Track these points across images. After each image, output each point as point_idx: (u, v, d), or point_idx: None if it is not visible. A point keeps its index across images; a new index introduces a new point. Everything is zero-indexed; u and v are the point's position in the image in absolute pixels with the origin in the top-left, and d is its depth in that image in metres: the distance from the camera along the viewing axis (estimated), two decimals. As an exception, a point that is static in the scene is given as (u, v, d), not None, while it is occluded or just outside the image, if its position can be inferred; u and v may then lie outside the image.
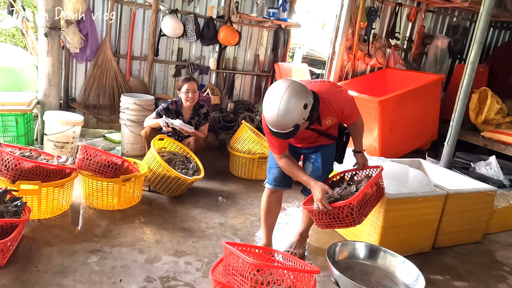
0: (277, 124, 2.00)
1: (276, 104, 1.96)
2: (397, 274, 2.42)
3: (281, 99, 1.95)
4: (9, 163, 2.60)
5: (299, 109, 1.98)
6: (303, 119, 2.03)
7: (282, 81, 2.03)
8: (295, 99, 1.96)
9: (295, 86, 2.00)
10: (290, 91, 1.97)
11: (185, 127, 3.59)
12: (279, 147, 2.30)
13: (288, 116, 1.97)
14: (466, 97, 3.67)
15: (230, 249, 1.98)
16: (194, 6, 4.92)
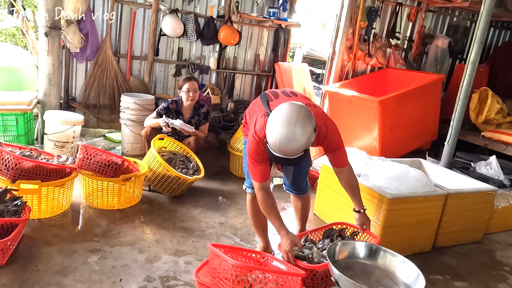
0: (289, 150, 1.89)
1: (290, 129, 1.85)
2: (397, 274, 2.41)
3: (295, 123, 1.86)
4: (9, 162, 2.60)
5: (311, 134, 1.92)
6: (311, 143, 1.98)
7: (291, 105, 1.93)
8: (308, 124, 1.89)
9: (306, 110, 1.93)
10: (303, 115, 1.89)
11: (185, 127, 3.59)
12: (262, 175, 2.15)
13: (301, 141, 1.88)
14: (466, 97, 3.67)
15: (213, 251, 1.92)
16: (195, 6, 4.91)
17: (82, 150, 2.96)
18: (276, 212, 2.21)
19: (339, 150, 2.24)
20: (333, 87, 5.23)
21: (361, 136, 4.86)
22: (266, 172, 2.17)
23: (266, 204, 2.18)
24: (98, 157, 2.95)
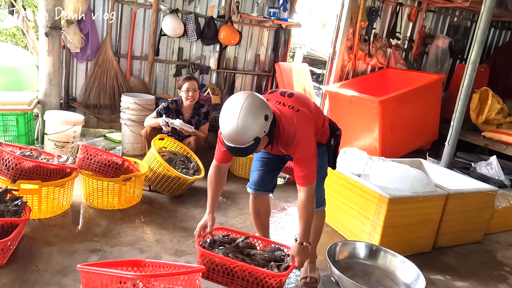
0: (236, 138, 1.81)
1: (235, 115, 1.79)
2: (398, 274, 2.42)
3: (240, 109, 1.79)
4: (9, 162, 2.60)
5: (260, 120, 1.81)
6: (264, 132, 1.86)
7: (240, 93, 1.88)
8: (256, 109, 1.82)
9: (254, 97, 1.86)
10: (249, 101, 1.82)
11: (185, 126, 3.59)
12: (221, 156, 2.16)
13: (249, 127, 1.79)
14: (467, 97, 3.67)
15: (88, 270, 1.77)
16: (195, 6, 4.91)
17: (83, 150, 2.96)
18: (214, 191, 2.25)
19: (300, 165, 2.01)
20: (334, 87, 5.23)
21: (361, 136, 4.85)
22: (225, 156, 2.17)
23: (210, 179, 2.25)
24: (98, 157, 2.95)
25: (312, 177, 2.02)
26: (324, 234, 3.07)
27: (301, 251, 2.01)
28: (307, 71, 5.65)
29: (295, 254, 2.02)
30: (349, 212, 2.98)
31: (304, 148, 1.99)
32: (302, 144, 1.98)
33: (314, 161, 2.02)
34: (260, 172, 2.37)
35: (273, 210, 3.37)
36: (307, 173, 2.00)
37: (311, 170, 2.01)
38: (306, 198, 2.03)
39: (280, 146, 2.06)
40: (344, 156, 3.25)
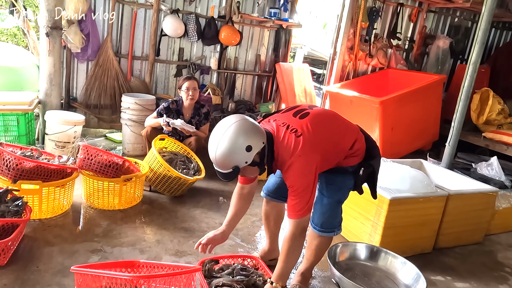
0: (216, 161, 1.81)
1: (216, 139, 1.77)
2: (398, 275, 2.42)
3: (222, 134, 1.76)
4: (10, 162, 2.60)
5: (240, 150, 1.75)
6: (245, 163, 1.80)
7: (230, 117, 1.81)
8: (238, 136, 1.75)
9: (242, 124, 1.77)
10: (235, 127, 1.76)
11: (186, 126, 3.59)
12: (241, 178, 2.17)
13: (226, 155, 1.76)
14: (467, 97, 3.66)
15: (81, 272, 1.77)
16: (196, 6, 4.92)
17: (83, 150, 2.96)
18: (234, 208, 2.17)
19: (291, 193, 1.86)
20: (334, 87, 5.23)
21: (362, 137, 4.85)
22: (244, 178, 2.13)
23: (232, 199, 2.21)
24: (99, 158, 2.95)
25: (303, 209, 1.84)
26: (324, 234, 3.08)
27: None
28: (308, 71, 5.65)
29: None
30: (350, 213, 2.98)
31: (295, 176, 1.84)
32: (295, 171, 1.83)
33: (308, 193, 1.83)
34: (277, 180, 2.28)
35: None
36: (296, 204, 1.84)
37: (303, 202, 1.83)
38: (292, 233, 1.86)
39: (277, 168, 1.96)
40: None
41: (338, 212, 2.17)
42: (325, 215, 2.11)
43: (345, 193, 2.14)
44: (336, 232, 2.17)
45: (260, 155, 1.85)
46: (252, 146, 1.78)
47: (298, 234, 1.87)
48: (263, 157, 1.87)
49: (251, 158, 1.80)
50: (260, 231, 2.99)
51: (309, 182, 1.84)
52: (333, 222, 2.15)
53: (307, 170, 1.84)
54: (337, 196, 2.11)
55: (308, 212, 1.88)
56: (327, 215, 2.11)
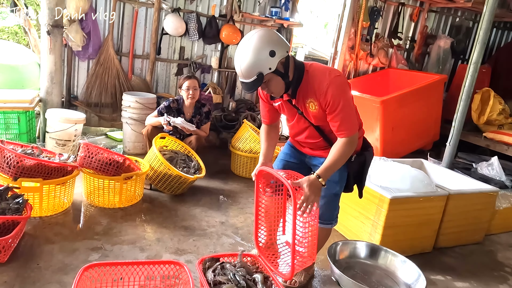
0: (241, 69, 1.85)
1: (242, 47, 1.84)
2: (398, 274, 2.42)
3: (247, 41, 1.83)
4: (11, 160, 2.60)
5: (264, 54, 1.80)
6: (269, 69, 1.83)
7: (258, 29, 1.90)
8: (262, 42, 1.81)
9: (267, 31, 1.86)
10: (260, 34, 1.83)
11: (186, 125, 3.60)
12: (264, 116, 2.23)
13: (251, 60, 1.81)
14: (468, 97, 3.66)
15: None
16: (197, 5, 4.92)
17: (84, 148, 2.96)
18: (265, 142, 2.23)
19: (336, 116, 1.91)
20: (335, 87, 5.22)
21: (362, 136, 4.85)
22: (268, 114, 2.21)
23: (261, 139, 2.26)
24: (99, 156, 2.95)
25: (351, 127, 1.91)
26: (324, 233, 3.08)
27: (313, 185, 1.84)
28: (309, 71, 5.65)
29: (307, 185, 1.83)
30: (350, 212, 2.98)
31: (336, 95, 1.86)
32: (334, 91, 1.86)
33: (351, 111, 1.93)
34: (283, 162, 2.30)
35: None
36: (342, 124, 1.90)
37: (349, 120, 1.91)
38: (343, 143, 1.92)
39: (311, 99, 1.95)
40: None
41: (336, 204, 2.24)
42: (324, 208, 2.18)
43: (342, 186, 2.20)
44: (333, 223, 2.26)
45: (284, 66, 1.88)
46: (276, 52, 1.82)
47: (349, 145, 1.93)
48: (287, 69, 1.90)
49: (274, 64, 1.83)
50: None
51: (350, 101, 1.93)
52: (332, 215, 2.24)
53: (347, 89, 1.92)
54: (334, 190, 2.16)
55: (355, 130, 1.94)
56: (325, 207, 2.18)
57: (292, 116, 2.14)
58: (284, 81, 1.92)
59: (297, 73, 1.95)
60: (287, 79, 1.93)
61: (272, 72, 1.85)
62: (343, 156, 1.94)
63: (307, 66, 1.98)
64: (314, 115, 2.02)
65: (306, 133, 2.15)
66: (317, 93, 1.92)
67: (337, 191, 2.18)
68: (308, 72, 1.95)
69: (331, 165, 1.93)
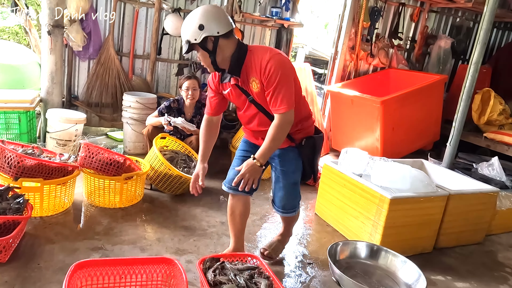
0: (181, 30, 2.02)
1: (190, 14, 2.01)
2: (398, 274, 2.42)
3: (195, 10, 1.99)
4: (11, 160, 2.61)
5: (193, 25, 1.95)
6: (194, 40, 1.96)
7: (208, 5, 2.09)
8: (198, 14, 1.95)
9: (213, 8, 2.01)
10: (203, 8, 1.99)
11: (186, 125, 3.60)
12: (209, 107, 2.31)
13: (184, 26, 1.99)
14: (469, 97, 3.66)
15: None
16: (197, 5, 4.91)
17: (84, 148, 2.97)
18: (205, 143, 2.34)
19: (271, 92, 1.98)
20: (335, 87, 5.23)
21: (363, 136, 4.85)
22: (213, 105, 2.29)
23: (201, 133, 2.35)
24: (100, 156, 2.96)
25: (287, 104, 1.96)
26: (325, 233, 3.08)
27: (250, 166, 2.03)
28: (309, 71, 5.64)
29: (245, 165, 2.04)
30: (350, 212, 2.99)
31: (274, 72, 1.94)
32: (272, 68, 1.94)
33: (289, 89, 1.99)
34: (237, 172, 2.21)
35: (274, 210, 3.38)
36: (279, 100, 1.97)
37: (286, 97, 1.96)
38: (278, 123, 2.00)
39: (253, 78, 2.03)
40: (345, 156, 3.25)
41: (296, 193, 2.36)
42: (284, 198, 2.31)
43: (299, 175, 2.30)
44: (297, 209, 2.40)
45: (213, 44, 1.98)
46: (204, 27, 1.95)
47: (284, 125, 2.01)
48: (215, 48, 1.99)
49: (199, 37, 1.95)
50: (260, 230, 3.00)
51: (288, 78, 1.99)
52: (293, 203, 2.36)
53: (286, 67, 1.99)
54: (292, 179, 2.27)
55: (291, 107, 2.00)
56: (286, 197, 2.31)
57: (241, 103, 2.20)
58: (210, 58, 2.02)
59: (238, 53, 2.03)
60: (213, 57, 2.01)
61: (198, 44, 1.98)
62: (279, 136, 2.02)
63: (250, 47, 2.07)
64: (257, 95, 2.09)
65: (256, 120, 2.21)
66: (258, 70, 1.99)
67: (294, 180, 2.28)
68: (252, 51, 2.04)
69: (267, 146, 2.03)
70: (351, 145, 4.78)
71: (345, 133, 5.16)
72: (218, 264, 2.03)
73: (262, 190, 3.83)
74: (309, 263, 2.63)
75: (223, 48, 2.01)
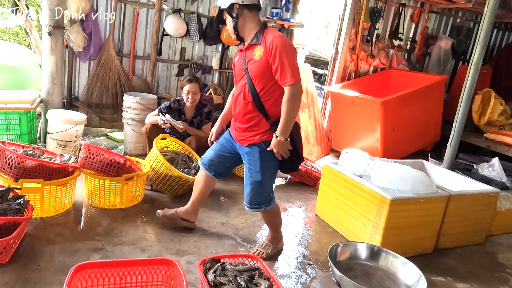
0: None
1: None
2: (399, 275, 2.42)
3: None
4: (12, 161, 2.61)
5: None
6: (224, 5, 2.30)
7: None
8: None
9: None
10: None
11: (174, 122, 3.57)
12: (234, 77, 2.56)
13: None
14: (469, 98, 3.66)
15: None
16: (197, 6, 4.92)
17: (85, 149, 2.97)
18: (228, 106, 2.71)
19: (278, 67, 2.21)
20: (336, 87, 5.23)
21: (363, 137, 4.85)
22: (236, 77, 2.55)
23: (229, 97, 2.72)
24: (100, 157, 2.96)
25: (296, 73, 2.18)
26: (325, 234, 3.08)
27: (277, 144, 2.25)
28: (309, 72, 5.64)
29: (273, 147, 2.27)
30: (351, 213, 2.98)
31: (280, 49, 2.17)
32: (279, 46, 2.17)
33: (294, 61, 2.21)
34: (214, 153, 2.60)
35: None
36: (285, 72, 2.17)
37: (293, 70, 2.17)
38: (289, 95, 2.20)
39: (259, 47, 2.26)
40: (345, 156, 3.25)
41: (262, 191, 2.44)
42: (250, 194, 2.44)
43: (265, 175, 2.39)
44: (263, 207, 2.47)
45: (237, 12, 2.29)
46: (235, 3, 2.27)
47: (295, 95, 2.21)
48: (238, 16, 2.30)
49: (228, 3, 2.29)
50: (261, 231, 3.00)
51: (292, 55, 2.22)
52: (259, 200, 2.45)
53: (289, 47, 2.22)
54: (257, 178, 2.39)
55: (298, 79, 2.20)
56: (251, 194, 2.43)
57: (238, 73, 2.45)
58: (233, 23, 2.31)
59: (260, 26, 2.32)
60: (235, 23, 2.31)
61: (226, 9, 2.31)
62: (292, 107, 2.21)
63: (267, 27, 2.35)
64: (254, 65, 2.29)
65: (241, 96, 2.39)
66: (267, 43, 2.23)
67: (259, 179, 2.39)
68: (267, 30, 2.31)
69: (284, 121, 2.23)
70: (352, 145, 4.78)
71: (346, 134, 5.16)
72: (219, 265, 2.03)
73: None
74: (309, 264, 2.62)
75: (245, 17, 2.31)
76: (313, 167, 4.29)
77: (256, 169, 2.38)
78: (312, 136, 5.03)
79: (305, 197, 3.83)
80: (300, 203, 3.66)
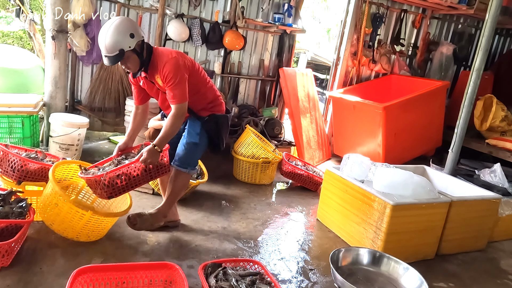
0: (106, 45, 2.33)
1: (106, 28, 2.34)
2: (401, 281, 2.41)
3: (111, 24, 2.34)
4: (15, 164, 2.62)
5: (125, 34, 2.34)
6: (129, 47, 2.36)
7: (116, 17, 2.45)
8: (124, 25, 2.35)
9: (127, 19, 2.43)
10: (122, 19, 2.38)
11: None
12: (135, 97, 2.75)
13: (115, 38, 2.32)
14: (471, 104, 3.66)
15: None
16: (200, 11, 4.95)
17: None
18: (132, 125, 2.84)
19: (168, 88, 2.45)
20: (337, 92, 5.24)
21: (365, 142, 4.85)
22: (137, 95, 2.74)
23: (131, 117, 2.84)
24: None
25: (180, 97, 2.46)
26: (326, 239, 3.07)
27: (150, 151, 2.43)
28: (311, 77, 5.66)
29: (144, 152, 2.43)
30: (352, 218, 2.98)
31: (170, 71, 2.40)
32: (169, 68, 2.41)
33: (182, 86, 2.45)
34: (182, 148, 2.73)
35: (275, 215, 3.38)
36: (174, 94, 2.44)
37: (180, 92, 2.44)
38: (174, 114, 2.47)
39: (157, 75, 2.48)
40: (347, 161, 3.26)
41: (195, 153, 2.71)
42: (182, 153, 2.66)
43: (201, 139, 2.70)
44: (189, 169, 2.69)
45: (140, 48, 2.43)
46: (135, 34, 2.38)
47: (179, 115, 2.49)
48: (142, 50, 2.44)
49: (133, 44, 2.38)
50: (262, 235, 2.99)
51: (182, 79, 2.45)
52: (189, 161, 2.68)
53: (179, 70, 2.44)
54: (194, 139, 2.68)
55: (184, 100, 2.49)
56: (183, 153, 2.66)
57: (154, 93, 2.69)
58: (139, 59, 2.46)
59: (148, 53, 2.49)
60: (142, 58, 2.46)
61: (131, 50, 2.39)
62: (174, 124, 2.48)
63: (154, 48, 2.53)
64: (162, 88, 2.56)
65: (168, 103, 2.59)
66: (159, 70, 2.46)
67: (196, 140, 2.68)
68: (155, 53, 2.50)
69: (165, 133, 2.48)
70: (353, 150, 4.78)
71: (347, 139, 5.16)
72: (220, 269, 2.03)
73: (264, 195, 3.84)
74: (310, 269, 2.62)
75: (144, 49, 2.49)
76: (315, 172, 4.29)
77: (196, 131, 2.67)
78: (314, 141, 5.04)
79: (306, 202, 3.82)
80: (301, 208, 3.66)
